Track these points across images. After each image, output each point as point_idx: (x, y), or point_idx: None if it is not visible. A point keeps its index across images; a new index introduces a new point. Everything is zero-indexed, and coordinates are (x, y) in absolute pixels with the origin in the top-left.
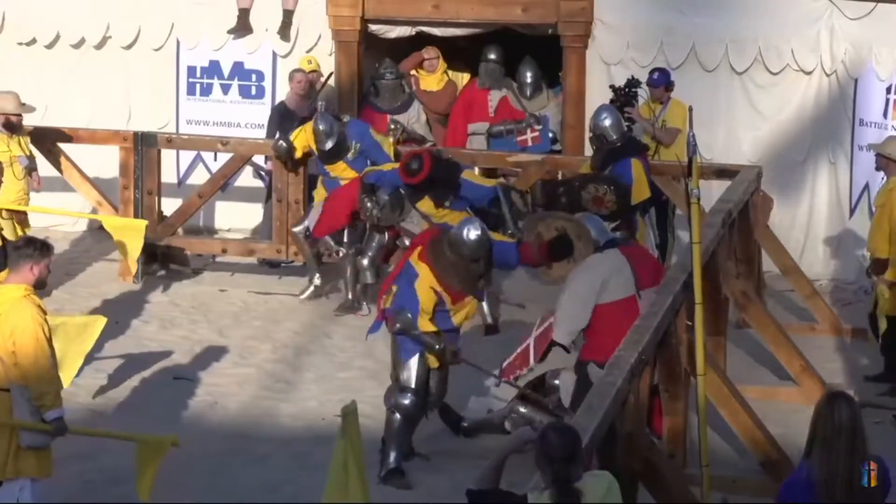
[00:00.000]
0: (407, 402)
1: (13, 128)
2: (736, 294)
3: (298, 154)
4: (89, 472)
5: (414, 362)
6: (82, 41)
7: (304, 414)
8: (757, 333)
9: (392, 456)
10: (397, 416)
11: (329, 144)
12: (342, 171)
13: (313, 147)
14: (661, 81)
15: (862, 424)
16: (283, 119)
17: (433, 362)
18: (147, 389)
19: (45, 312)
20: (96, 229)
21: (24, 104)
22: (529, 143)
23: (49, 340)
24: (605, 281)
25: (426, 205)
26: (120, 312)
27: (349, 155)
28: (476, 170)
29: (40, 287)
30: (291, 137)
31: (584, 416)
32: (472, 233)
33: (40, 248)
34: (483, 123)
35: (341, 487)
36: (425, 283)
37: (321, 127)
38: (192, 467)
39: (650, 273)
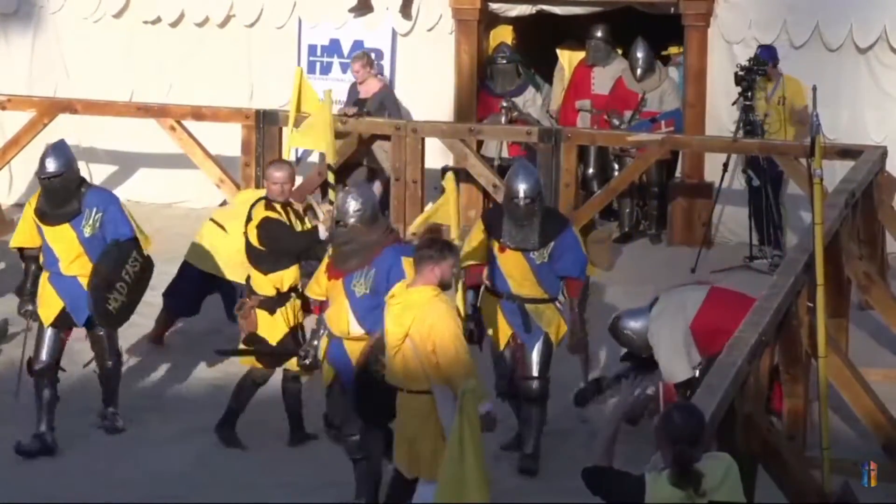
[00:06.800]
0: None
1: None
2: (858, 275)
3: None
4: None
5: None
6: (206, 20)
7: None
8: (880, 315)
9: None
10: None
11: (52, 166)
12: (69, 249)
13: (36, 220)
14: (766, 56)
15: None
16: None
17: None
18: None
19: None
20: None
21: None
22: (662, 128)
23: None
24: None
25: None
26: None
27: (84, 225)
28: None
29: (445, 288)
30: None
31: (703, 396)
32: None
33: (440, 248)
34: (585, 100)
35: (457, 463)
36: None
37: (51, 159)
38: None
39: None
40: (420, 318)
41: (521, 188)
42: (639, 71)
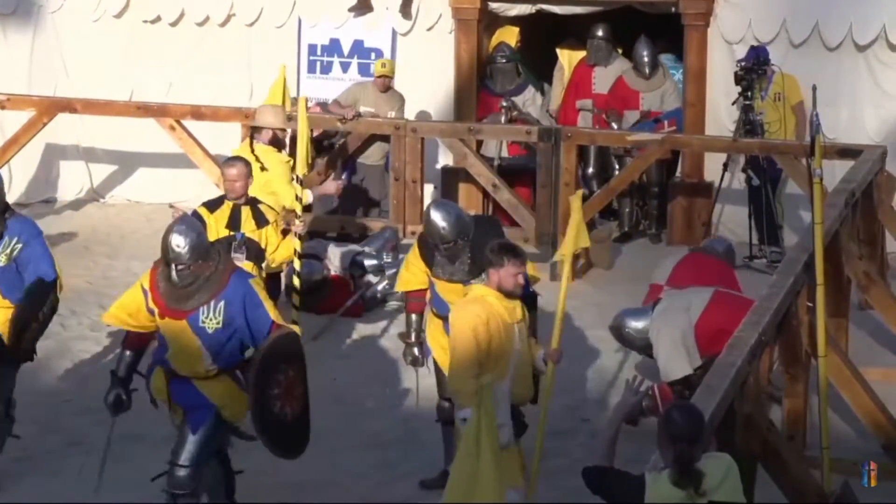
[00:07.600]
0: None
1: (279, 144)
2: (858, 275)
3: None
4: None
5: None
6: (207, 19)
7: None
8: (879, 315)
9: None
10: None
11: None
12: None
13: None
14: (762, 56)
15: None
16: None
17: None
18: None
19: (487, 318)
20: None
21: (289, 118)
22: (665, 128)
23: (482, 343)
24: None
25: None
26: None
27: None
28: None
29: (508, 295)
30: None
31: (703, 396)
32: (433, 214)
33: (499, 254)
34: (586, 100)
35: (473, 459)
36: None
37: None
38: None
39: None
40: (453, 307)
41: (440, 233)
42: (647, 69)
